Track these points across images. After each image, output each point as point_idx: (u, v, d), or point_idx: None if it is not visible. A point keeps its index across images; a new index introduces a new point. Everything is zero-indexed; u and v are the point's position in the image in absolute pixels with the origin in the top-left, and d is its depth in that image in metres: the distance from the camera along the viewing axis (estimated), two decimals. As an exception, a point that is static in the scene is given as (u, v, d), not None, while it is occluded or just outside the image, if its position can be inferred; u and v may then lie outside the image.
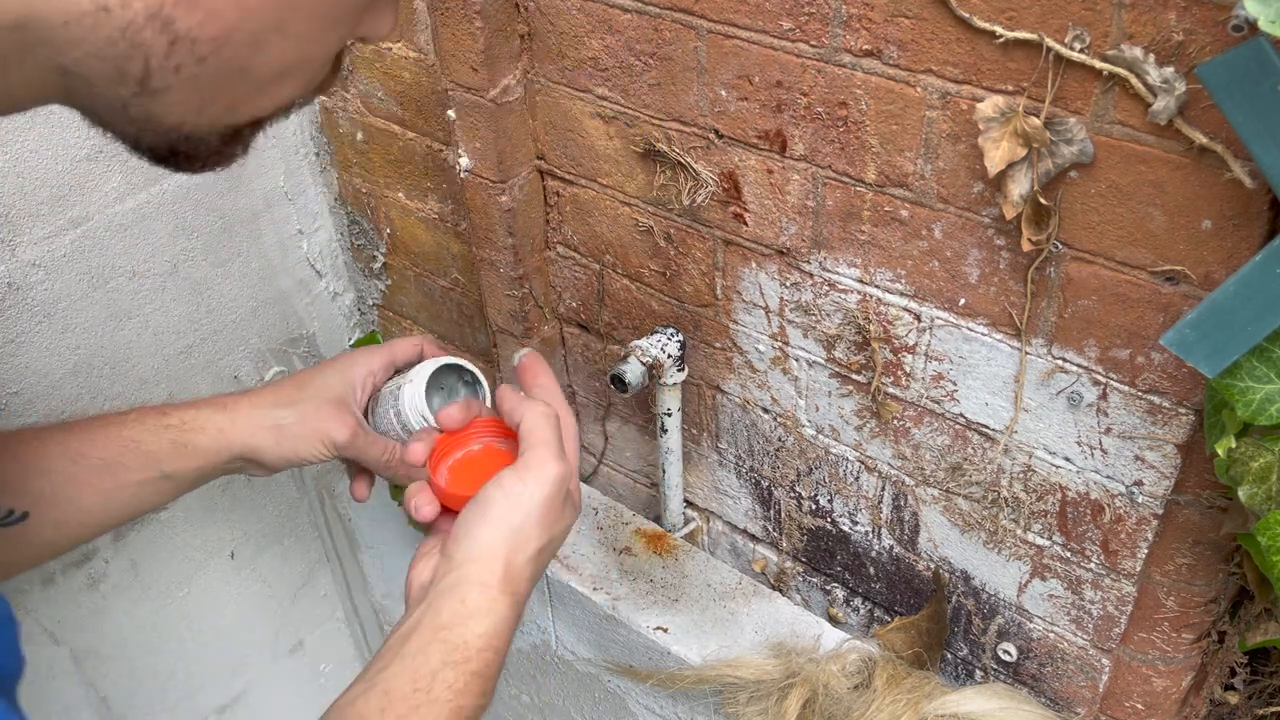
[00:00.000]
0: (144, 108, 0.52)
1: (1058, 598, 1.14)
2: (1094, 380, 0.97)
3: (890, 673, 1.21)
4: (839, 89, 0.98)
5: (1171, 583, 1.03)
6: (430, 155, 1.45)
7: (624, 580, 1.42)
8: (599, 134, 1.21)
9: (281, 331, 1.67)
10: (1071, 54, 0.82)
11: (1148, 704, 1.13)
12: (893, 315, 1.08)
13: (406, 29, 1.34)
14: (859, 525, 1.29)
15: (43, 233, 1.30)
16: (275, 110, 0.58)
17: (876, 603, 1.35)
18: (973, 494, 1.14)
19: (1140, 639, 1.09)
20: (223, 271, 1.55)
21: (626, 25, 1.10)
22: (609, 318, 1.39)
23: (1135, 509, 1.02)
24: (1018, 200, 0.89)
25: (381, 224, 1.61)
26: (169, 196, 1.43)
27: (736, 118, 1.08)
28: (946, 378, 1.08)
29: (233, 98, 0.54)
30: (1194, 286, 0.87)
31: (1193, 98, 0.78)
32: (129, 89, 0.50)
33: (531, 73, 1.22)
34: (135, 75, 0.50)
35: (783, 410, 1.26)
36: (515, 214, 1.32)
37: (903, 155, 0.98)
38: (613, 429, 1.52)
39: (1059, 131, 0.86)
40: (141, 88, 0.50)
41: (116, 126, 0.54)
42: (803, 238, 1.11)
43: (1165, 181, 0.84)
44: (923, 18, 0.89)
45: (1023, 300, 0.98)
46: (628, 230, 1.27)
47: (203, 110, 0.54)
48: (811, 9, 0.96)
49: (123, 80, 0.50)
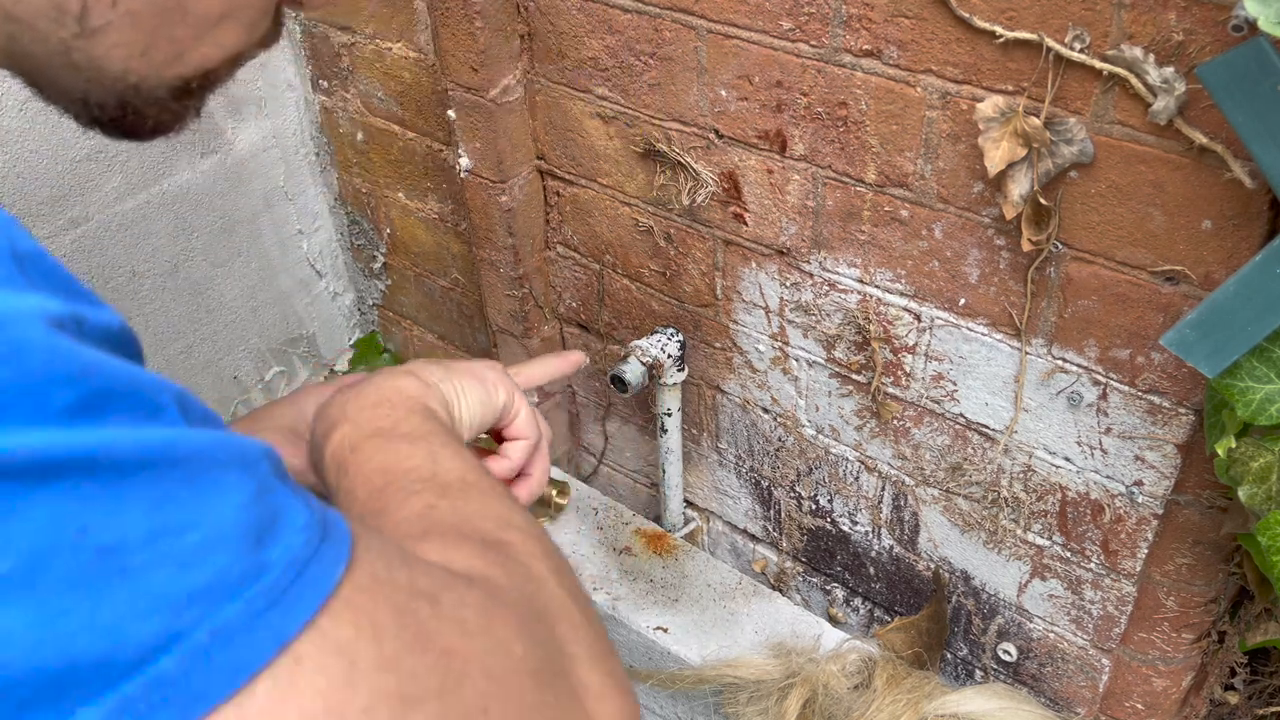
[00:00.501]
0: (86, 51, 0.52)
1: (1058, 598, 1.14)
2: (1094, 380, 0.97)
3: (890, 673, 1.21)
4: (839, 89, 0.98)
5: (1171, 583, 1.03)
6: (430, 155, 1.45)
7: (624, 580, 1.42)
8: (599, 134, 1.21)
9: (281, 331, 1.67)
10: (1071, 54, 0.82)
11: (1148, 704, 1.13)
12: (893, 315, 1.08)
13: (406, 29, 1.34)
14: (859, 525, 1.29)
15: (43, 233, 1.30)
16: (222, 61, 0.57)
17: (876, 603, 1.35)
18: (973, 494, 1.14)
19: (1140, 639, 1.09)
20: (223, 271, 1.55)
21: (626, 25, 1.10)
22: (609, 318, 1.39)
23: (1135, 509, 1.02)
24: (1018, 200, 0.89)
25: (381, 224, 1.61)
26: (169, 196, 1.43)
27: (736, 118, 1.08)
28: (946, 378, 1.08)
29: (175, 41, 0.54)
30: (1194, 286, 0.87)
31: (1193, 98, 0.78)
32: (68, 29, 0.50)
33: (531, 73, 1.23)
34: (73, 12, 0.50)
35: (783, 410, 1.26)
36: (515, 214, 1.32)
37: (903, 155, 0.98)
38: (613, 429, 1.52)
39: (1059, 131, 0.86)
40: (81, 26, 0.50)
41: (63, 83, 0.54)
42: (803, 238, 1.11)
43: (1165, 181, 0.84)
44: (923, 18, 0.89)
45: (1023, 300, 0.98)
46: (628, 230, 1.27)
47: (146, 54, 0.53)
48: (811, 9, 0.96)
49: (61, 19, 0.50)
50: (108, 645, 0.35)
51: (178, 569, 0.37)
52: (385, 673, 0.41)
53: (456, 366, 0.80)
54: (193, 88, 0.57)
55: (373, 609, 0.42)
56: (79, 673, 0.34)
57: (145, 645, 0.35)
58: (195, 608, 0.37)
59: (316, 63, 1.51)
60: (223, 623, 0.37)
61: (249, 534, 0.39)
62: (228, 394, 1.62)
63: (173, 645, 0.36)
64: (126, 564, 0.36)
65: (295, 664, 0.38)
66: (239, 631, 0.37)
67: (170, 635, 0.36)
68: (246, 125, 1.50)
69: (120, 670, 0.35)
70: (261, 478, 0.41)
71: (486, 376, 0.80)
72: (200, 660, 0.36)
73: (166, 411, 0.40)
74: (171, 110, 0.58)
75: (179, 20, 0.53)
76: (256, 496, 0.40)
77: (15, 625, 0.34)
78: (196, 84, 0.57)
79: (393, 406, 0.71)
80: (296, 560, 0.40)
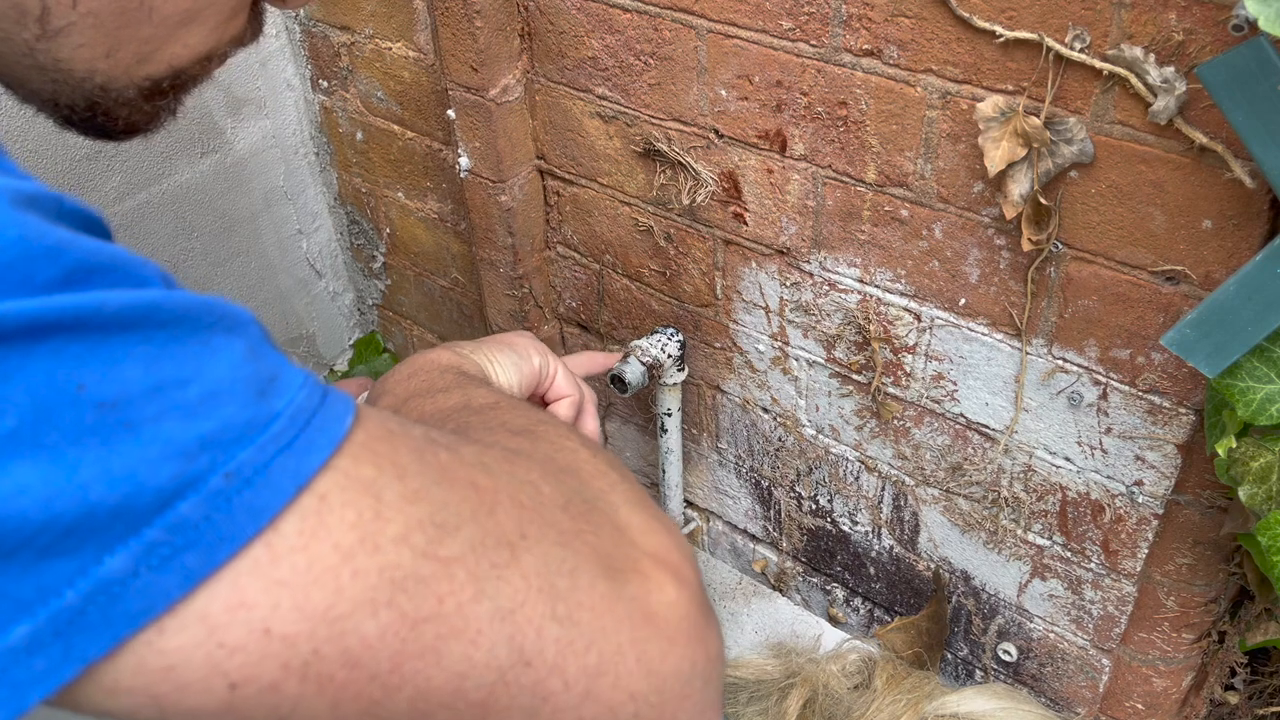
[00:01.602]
0: (50, 53, 0.51)
1: (1058, 598, 1.14)
2: (1094, 380, 0.97)
3: (890, 673, 1.21)
4: (839, 89, 0.98)
5: (1172, 583, 1.03)
6: (430, 155, 1.45)
7: (624, 580, 1.42)
8: (599, 134, 1.21)
9: (281, 331, 1.67)
10: (1071, 54, 0.82)
11: (1148, 704, 1.13)
12: (893, 315, 1.08)
13: (406, 28, 1.34)
14: (859, 525, 1.29)
15: (42, 233, 1.30)
16: (193, 61, 0.57)
17: (876, 603, 1.35)
18: (973, 494, 1.14)
19: (1140, 639, 1.09)
20: (222, 271, 1.55)
21: (626, 25, 1.10)
22: (609, 318, 1.39)
23: (1135, 509, 1.02)
24: (1018, 200, 0.89)
25: (381, 224, 1.61)
26: (169, 196, 1.43)
27: (736, 117, 1.08)
28: (947, 378, 1.08)
29: (141, 41, 0.53)
30: (1194, 286, 0.87)
31: (1193, 97, 0.78)
32: (30, 31, 0.50)
33: (531, 72, 1.22)
34: (34, 13, 0.49)
35: (783, 410, 1.26)
36: (515, 214, 1.32)
37: (903, 155, 0.98)
38: (613, 429, 1.52)
39: (1059, 131, 0.86)
40: (42, 28, 0.50)
41: (31, 84, 0.54)
42: (803, 237, 1.11)
43: (1165, 181, 0.84)
44: (923, 17, 0.89)
45: (1023, 300, 0.98)
46: (628, 230, 1.27)
47: (111, 55, 0.53)
48: (811, 9, 0.96)
49: (23, 20, 0.50)
50: (124, 493, 0.35)
51: (183, 419, 0.37)
52: (415, 504, 0.41)
53: (486, 339, 0.81)
54: (164, 87, 0.57)
55: (391, 452, 0.42)
56: (97, 520, 0.35)
57: (163, 491, 0.36)
58: (207, 453, 0.37)
59: (316, 62, 1.51)
60: (237, 466, 0.37)
61: (250, 386, 0.39)
62: (227, 394, 1.62)
63: (189, 490, 0.36)
64: (130, 417, 0.36)
65: (320, 501, 0.39)
66: (256, 474, 0.37)
67: (185, 480, 0.36)
68: (246, 125, 1.50)
69: (139, 516, 0.35)
70: (252, 340, 0.41)
71: (516, 342, 0.81)
72: (220, 503, 0.37)
73: (150, 282, 0.40)
74: (143, 111, 0.57)
75: (144, 21, 0.53)
76: (250, 355, 0.40)
77: (28, 477, 0.34)
78: (168, 84, 0.57)
79: (427, 373, 0.72)
80: (303, 410, 0.40)
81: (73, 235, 0.38)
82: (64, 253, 0.37)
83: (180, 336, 0.38)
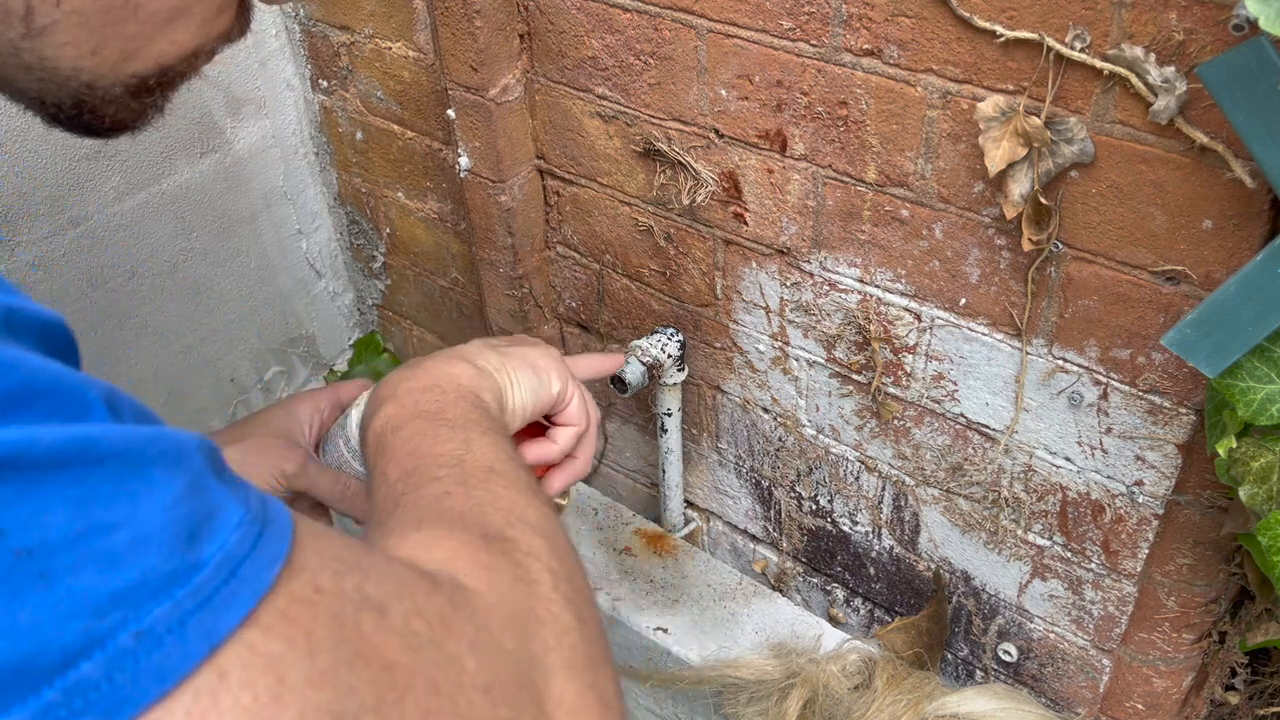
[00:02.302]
0: (35, 51, 0.51)
1: (1058, 598, 1.14)
2: (1094, 380, 0.97)
3: (890, 673, 1.21)
4: (839, 88, 0.98)
5: (1172, 583, 1.03)
6: (430, 155, 1.45)
7: (624, 580, 1.42)
8: (599, 133, 1.21)
9: (281, 331, 1.67)
10: (1072, 53, 0.82)
11: (1148, 704, 1.13)
12: (893, 315, 1.08)
13: (406, 28, 1.34)
14: (859, 525, 1.29)
15: (42, 232, 1.30)
16: (180, 58, 0.56)
17: (877, 603, 1.35)
18: (973, 494, 1.14)
19: (1141, 639, 1.09)
20: (222, 271, 1.54)
21: (626, 25, 1.10)
22: (609, 318, 1.39)
23: (1136, 509, 1.02)
24: (1018, 200, 0.89)
25: (381, 224, 1.61)
26: (168, 196, 1.43)
27: (736, 117, 1.08)
28: (947, 378, 1.08)
29: (126, 39, 0.53)
30: (1194, 286, 0.87)
31: (1193, 97, 0.78)
32: (15, 30, 0.50)
33: (531, 72, 1.22)
34: (18, 12, 0.49)
35: (783, 410, 1.26)
36: (515, 214, 1.32)
37: (903, 155, 0.98)
38: (613, 429, 1.52)
39: (1059, 131, 0.86)
40: (27, 26, 0.50)
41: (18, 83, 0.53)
42: (803, 237, 1.11)
43: (1166, 181, 0.83)
44: (923, 17, 0.89)
45: (1023, 300, 0.98)
46: (628, 230, 1.27)
47: (97, 52, 0.52)
48: (812, 8, 0.96)
49: (8, 19, 0.49)
50: (28, 649, 0.33)
51: (101, 570, 0.35)
52: (318, 689, 0.38)
53: (512, 354, 0.80)
54: (151, 85, 0.56)
55: (309, 621, 0.40)
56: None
57: (68, 649, 0.34)
58: (119, 610, 0.35)
59: (316, 62, 1.50)
60: (150, 625, 0.35)
61: (180, 532, 0.37)
62: (226, 394, 1.62)
63: (94, 649, 0.34)
64: (47, 566, 0.34)
65: (219, 679, 0.37)
66: (166, 634, 0.36)
67: (92, 637, 0.34)
68: (246, 125, 1.50)
69: (41, 675, 0.34)
70: (194, 474, 0.40)
71: (540, 364, 0.81)
72: (126, 663, 0.35)
73: (93, 409, 0.38)
74: (130, 108, 0.57)
75: (129, 18, 0.52)
76: (188, 493, 0.39)
77: None
78: (155, 81, 0.56)
79: (443, 392, 0.71)
80: (232, 556, 0.38)
81: (17, 355, 0.37)
82: (3, 377, 0.35)
83: (116, 474, 0.37)
